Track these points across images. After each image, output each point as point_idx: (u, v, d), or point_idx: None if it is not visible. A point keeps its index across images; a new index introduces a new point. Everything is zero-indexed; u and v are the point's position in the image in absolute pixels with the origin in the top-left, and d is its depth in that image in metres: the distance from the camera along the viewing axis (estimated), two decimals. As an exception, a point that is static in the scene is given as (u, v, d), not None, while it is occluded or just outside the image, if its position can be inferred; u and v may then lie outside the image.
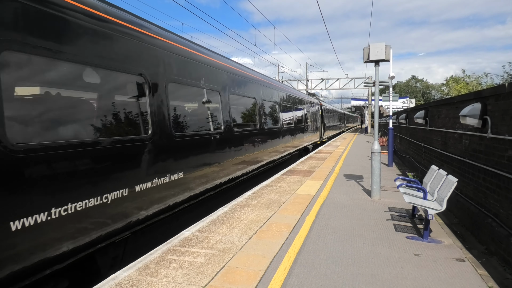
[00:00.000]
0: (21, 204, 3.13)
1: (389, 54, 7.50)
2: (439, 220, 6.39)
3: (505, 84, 5.18)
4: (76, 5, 3.88)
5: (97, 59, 4.14)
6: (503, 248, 4.72)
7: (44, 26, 3.46)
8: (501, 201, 5.06)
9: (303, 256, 4.49)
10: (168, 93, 5.54)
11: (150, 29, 5.39)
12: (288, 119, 14.88)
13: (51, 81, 3.74)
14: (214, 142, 7.07)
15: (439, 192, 5.58)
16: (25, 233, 3.14)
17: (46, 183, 3.36)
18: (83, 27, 3.96)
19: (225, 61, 8.42)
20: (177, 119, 5.93)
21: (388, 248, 4.81)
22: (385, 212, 6.65)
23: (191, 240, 5.02)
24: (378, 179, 7.71)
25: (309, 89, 43.07)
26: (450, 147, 7.96)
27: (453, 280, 3.90)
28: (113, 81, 4.63)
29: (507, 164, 4.91)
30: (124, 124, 4.61)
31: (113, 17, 4.52)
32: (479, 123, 5.86)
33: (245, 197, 7.81)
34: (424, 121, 10.79)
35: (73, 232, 3.66)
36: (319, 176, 10.61)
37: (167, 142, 5.41)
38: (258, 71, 12.50)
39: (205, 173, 6.61)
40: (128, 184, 4.46)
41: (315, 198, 7.75)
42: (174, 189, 5.55)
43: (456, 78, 44.35)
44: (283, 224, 5.79)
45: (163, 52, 5.54)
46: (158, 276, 3.86)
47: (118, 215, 4.31)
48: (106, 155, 4.13)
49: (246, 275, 3.91)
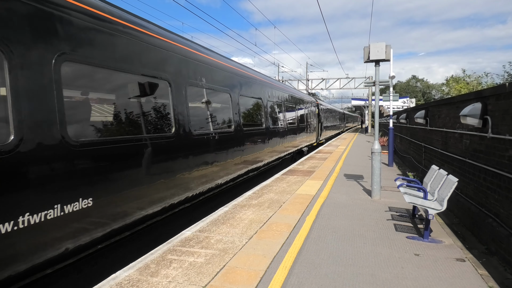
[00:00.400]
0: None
1: (390, 54, 7.49)
2: (440, 220, 6.39)
3: (505, 83, 5.17)
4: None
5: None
6: (504, 248, 4.72)
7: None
8: (501, 201, 5.06)
9: (304, 256, 4.49)
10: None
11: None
12: (278, 119, 13.09)
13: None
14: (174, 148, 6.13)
15: (440, 192, 5.57)
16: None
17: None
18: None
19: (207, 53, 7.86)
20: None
21: (388, 248, 4.81)
22: (385, 212, 6.64)
23: (192, 240, 5.02)
24: (378, 179, 7.71)
25: (309, 89, 43.06)
26: (451, 147, 7.96)
27: (454, 280, 3.89)
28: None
29: (507, 164, 4.90)
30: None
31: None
32: (480, 123, 5.85)
33: (246, 197, 7.81)
34: (424, 121, 10.79)
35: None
36: (320, 176, 10.61)
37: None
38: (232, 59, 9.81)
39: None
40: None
41: (316, 198, 7.75)
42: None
43: (457, 78, 44.36)
44: (283, 224, 5.79)
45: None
46: (158, 276, 3.86)
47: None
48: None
49: (247, 275, 3.91)
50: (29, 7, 3.31)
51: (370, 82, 8.60)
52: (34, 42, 3.35)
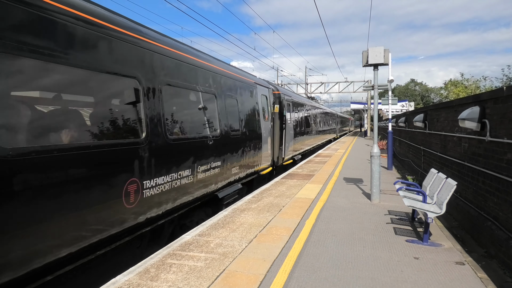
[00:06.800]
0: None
1: (388, 58, 7.54)
2: (439, 223, 6.40)
3: (503, 87, 5.21)
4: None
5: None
6: (503, 251, 4.73)
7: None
8: (500, 204, 5.07)
9: (303, 260, 4.49)
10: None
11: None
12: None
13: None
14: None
15: (439, 195, 5.59)
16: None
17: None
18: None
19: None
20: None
21: (388, 252, 4.81)
22: (385, 216, 6.65)
23: (191, 244, 5.02)
24: (377, 183, 7.72)
25: (308, 93, 43.18)
26: (449, 150, 7.98)
27: (453, 283, 3.90)
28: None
29: (506, 167, 4.93)
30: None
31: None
32: (478, 126, 5.88)
33: (245, 200, 7.81)
34: (423, 124, 10.83)
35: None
36: (319, 180, 10.62)
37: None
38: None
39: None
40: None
41: (315, 201, 7.75)
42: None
43: (455, 81, 44.47)
44: (283, 228, 5.79)
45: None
46: (158, 280, 3.86)
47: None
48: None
49: (246, 279, 3.91)
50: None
51: (368, 86, 8.64)
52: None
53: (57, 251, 3.48)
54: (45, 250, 3.36)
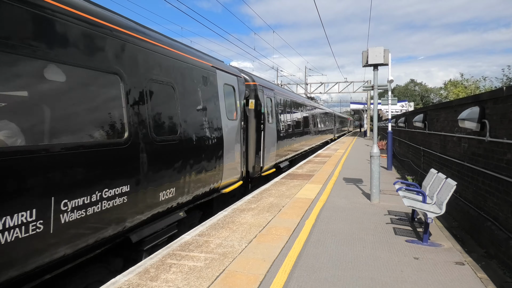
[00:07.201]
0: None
1: (388, 58, 7.54)
2: (439, 224, 6.40)
3: (502, 87, 5.21)
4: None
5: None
6: (503, 251, 4.73)
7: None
8: (500, 204, 5.07)
9: (303, 260, 4.49)
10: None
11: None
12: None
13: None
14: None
15: (439, 195, 5.59)
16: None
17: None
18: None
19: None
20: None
21: (387, 252, 4.81)
22: (384, 216, 6.65)
23: (191, 244, 5.01)
24: (377, 183, 7.72)
25: (308, 93, 43.20)
26: (449, 151, 7.99)
27: (453, 283, 3.90)
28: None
29: (505, 167, 4.93)
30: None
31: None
32: (478, 126, 5.89)
33: (245, 201, 7.81)
34: (423, 124, 10.83)
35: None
36: (319, 180, 10.62)
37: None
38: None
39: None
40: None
41: (315, 201, 7.75)
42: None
43: (455, 82, 44.50)
44: (282, 228, 5.79)
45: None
46: (158, 281, 3.86)
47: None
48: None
49: (246, 279, 3.91)
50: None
51: (368, 86, 8.64)
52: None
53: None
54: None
